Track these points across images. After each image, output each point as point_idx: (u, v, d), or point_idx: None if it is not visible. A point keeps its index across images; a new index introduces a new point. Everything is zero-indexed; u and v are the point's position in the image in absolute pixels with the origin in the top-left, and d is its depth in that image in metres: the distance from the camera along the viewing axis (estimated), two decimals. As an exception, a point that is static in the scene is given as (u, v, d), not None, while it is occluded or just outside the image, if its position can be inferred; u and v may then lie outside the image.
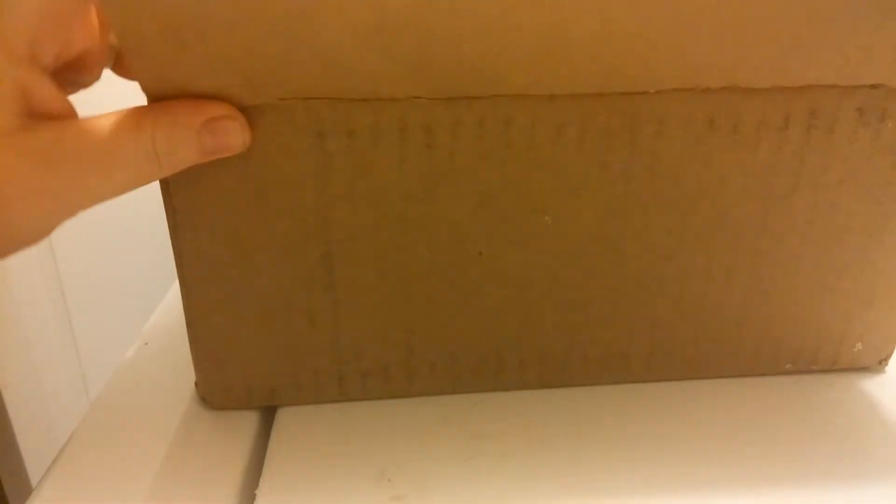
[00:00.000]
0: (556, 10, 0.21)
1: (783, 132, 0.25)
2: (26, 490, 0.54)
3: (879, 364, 0.31)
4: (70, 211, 0.20)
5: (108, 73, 0.25)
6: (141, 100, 0.22)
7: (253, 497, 0.25)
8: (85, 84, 0.24)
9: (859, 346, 0.30)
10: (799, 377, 0.31)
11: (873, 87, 0.25)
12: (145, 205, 0.60)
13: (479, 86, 0.23)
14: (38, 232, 0.20)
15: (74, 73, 0.22)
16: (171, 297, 0.38)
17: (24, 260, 0.52)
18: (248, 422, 0.28)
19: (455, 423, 0.28)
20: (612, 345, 0.29)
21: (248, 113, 0.23)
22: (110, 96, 0.27)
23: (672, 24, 0.22)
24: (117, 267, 0.61)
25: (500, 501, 0.24)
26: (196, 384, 0.28)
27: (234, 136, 0.22)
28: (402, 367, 0.28)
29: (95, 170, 0.20)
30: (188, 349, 0.27)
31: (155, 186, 0.23)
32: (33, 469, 0.53)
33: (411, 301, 0.27)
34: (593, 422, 0.28)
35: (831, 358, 0.31)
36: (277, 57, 0.21)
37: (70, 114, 0.21)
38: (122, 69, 0.25)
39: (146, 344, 0.33)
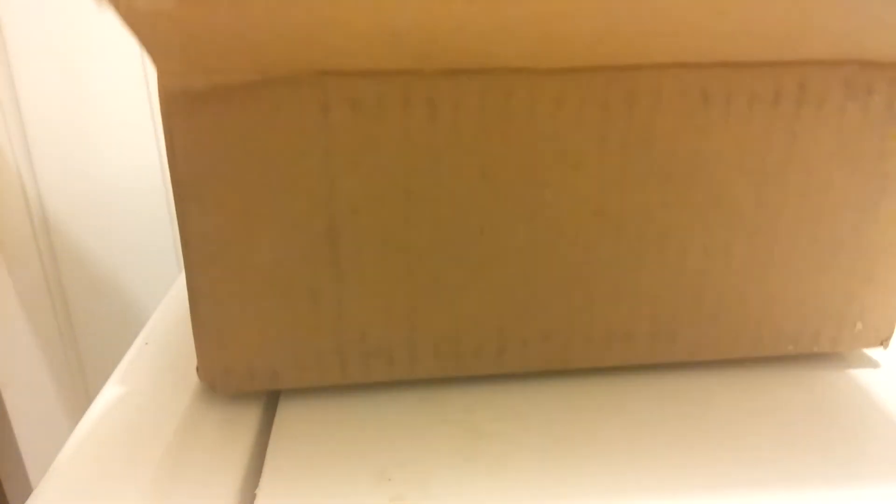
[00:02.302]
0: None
1: (774, 106, 0.26)
2: (26, 490, 0.54)
3: (881, 344, 0.31)
4: None
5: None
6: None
7: (253, 497, 0.24)
8: None
9: (860, 325, 0.31)
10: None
11: (859, 61, 0.26)
12: (146, 205, 0.61)
13: (481, 59, 0.24)
14: None
15: None
16: (172, 297, 0.38)
17: (25, 260, 0.53)
18: (249, 421, 0.28)
19: (455, 423, 0.28)
20: (615, 324, 0.29)
21: (255, 86, 0.23)
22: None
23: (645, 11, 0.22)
24: (118, 267, 0.62)
25: (501, 501, 0.24)
26: (197, 369, 0.28)
27: None
28: (405, 347, 0.28)
29: None
30: (188, 349, 0.27)
31: (157, 186, 0.24)
32: (33, 469, 0.53)
33: (415, 278, 0.27)
34: (594, 421, 0.28)
35: (832, 338, 0.31)
36: (286, 30, 0.22)
37: None
38: None
39: (146, 344, 0.33)
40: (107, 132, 0.59)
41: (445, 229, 0.26)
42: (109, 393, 0.30)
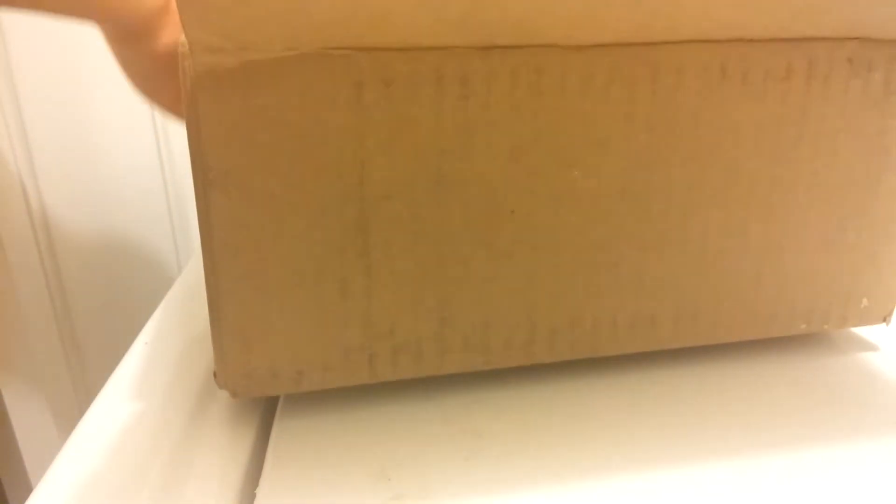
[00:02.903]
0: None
1: (786, 82, 0.27)
2: (26, 490, 0.53)
3: (884, 320, 0.32)
4: None
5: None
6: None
7: (253, 497, 0.24)
8: None
9: (865, 301, 0.31)
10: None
11: (860, 38, 0.27)
12: (146, 205, 0.60)
13: (515, 36, 0.24)
14: None
15: None
16: (172, 297, 0.37)
17: (25, 259, 0.52)
18: (249, 421, 0.28)
19: (455, 423, 0.28)
20: (640, 308, 0.29)
21: (287, 62, 0.22)
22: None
23: None
24: (118, 267, 0.61)
25: (501, 501, 0.24)
26: (215, 374, 0.26)
27: None
28: (435, 340, 0.27)
29: None
30: (188, 349, 0.26)
31: (156, 186, 0.23)
32: (33, 469, 0.52)
33: (445, 266, 0.26)
34: (595, 420, 0.28)
35: (841, 315, 0.32)
36: (323, 8, 0.21)
37: None
38: None
39: (146, 344, 0.32)
40: (107, 132, 0.58)
41: (476, 213, 0.26)
42: (109, 393, 0.29)
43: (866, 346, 0.33)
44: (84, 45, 0.55)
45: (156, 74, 0.34)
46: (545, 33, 0.24)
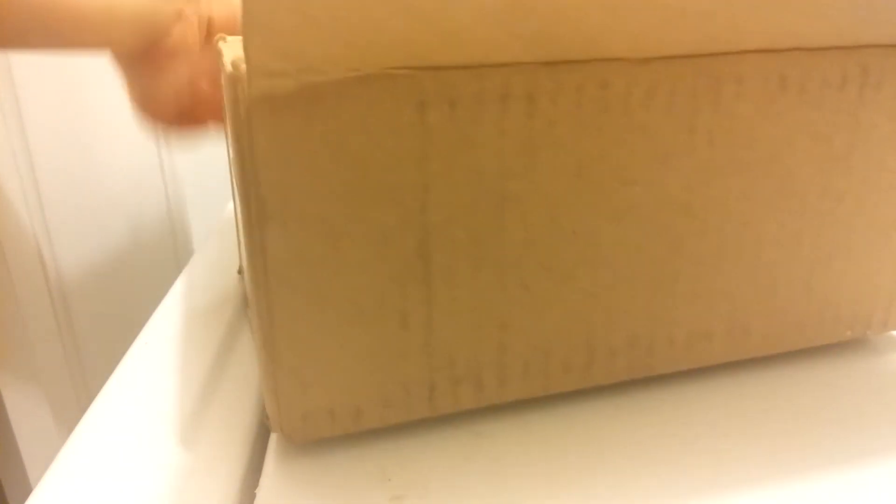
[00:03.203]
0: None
1: (841, 90, 0.26)
2: (26, 490, 0.52)
3: (922, 324, 0.32)
4: None
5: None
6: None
7: (253, 497, 0.24)
8: None
9: (906, 305, 0.31)
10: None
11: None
12: (146, 205, 0.59)
13: (583, 50, 0.23)
14: None
15: None
16: (172, 297, 0.36)
17: (25, 259, 0.51)
18: (249, 421, 0.28)
19: (455, 423, 0.27)
20: (696, 324, 0.28)
21: (349, 84, 0.21)
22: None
23: None
24: (118, 267, 0.60)
25: (500, 501, 0.24)
26: (268, 417, 0.25)
27: None
28: (495, 368, 0.26)
29: None
30: (188, 349, 0.27)
31: (157, 185, 0.22)
32: (33, 469, 0.51)
33: (505, 290, 0.25)
34: (595, 419, 0.28)
35: (882, 321, 0.31)
36: (389, 28, 0.20)
37: None
38: None
39: (146, 344, 0.32)
40: (108, 132, 0.57)
41: (537, 234, 0.25)
42: (109, 393, 0.29)
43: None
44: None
45: (164, 89, 0.32)
46: (612, 47, 0.23)
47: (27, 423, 0.52)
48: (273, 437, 0.27)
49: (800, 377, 0.30)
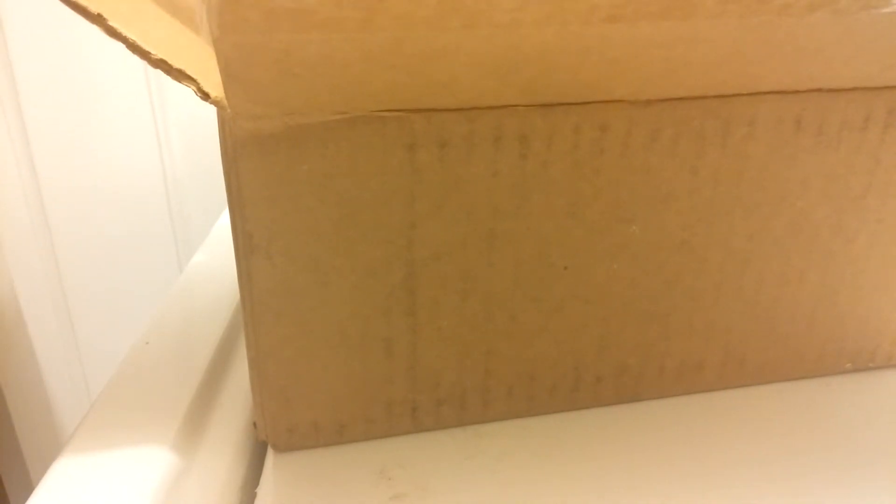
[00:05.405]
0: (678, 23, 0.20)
1: (863, 132, 0.25)
2: (27, 490, 0.53)
3: (930, 358, 0.31)
4: None
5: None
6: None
7: (253, 497, 0.24)
8: None
9: (914, 341, 0.31)
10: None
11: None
12: (146, 205, 0.60)
13: (582, 95, 0.22)
14: None
15: None
16: (172, 297, 0.37)
17: (25, 259, 0.52)
18: (249, 421, 0.28)
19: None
20: (688, 355, 0.28)
21: (336, 126, 0.21)
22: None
23: (768, 35, 0.21)
24: (118, 266, 0.60)
25: (500, 500, 0.24)
26: (255, 424, 0.26)
27: None
28: (479, 391, 0.26)
29: None
30: (188, 348, 0.26)
31: (157, 185, 0.22)
32: (35, 468, 0.53)
33: (492, 321, 0.25)
34: (595, 419, 0.28)
35: (887, 354, 0.31)
36: (375, 80, 0.20)
37: None
38: None
39: (146, 344, 0.32)
40: (108, 132, 0.57)
41: (528, 270, 0.24)
42: (109, 393, 0.29)
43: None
44: (85, 44, 0.53)
45: None
46: (613, 91, 0.22)
47: (28, 422, 0.52)
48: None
49: (797, 384, 0.30)
